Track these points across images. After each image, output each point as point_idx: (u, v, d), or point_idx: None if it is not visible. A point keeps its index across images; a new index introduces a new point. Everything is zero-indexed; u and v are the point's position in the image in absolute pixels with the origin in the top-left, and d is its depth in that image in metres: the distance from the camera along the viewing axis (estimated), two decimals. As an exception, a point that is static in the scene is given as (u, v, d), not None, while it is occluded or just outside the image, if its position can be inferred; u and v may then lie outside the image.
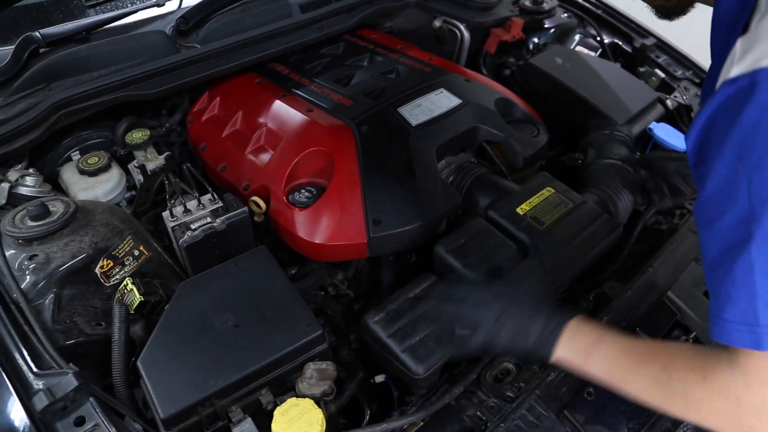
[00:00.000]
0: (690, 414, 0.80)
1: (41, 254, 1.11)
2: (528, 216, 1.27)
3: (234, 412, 0.99)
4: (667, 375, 0.81)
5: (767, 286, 0.68)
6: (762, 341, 0.69)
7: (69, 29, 1.57)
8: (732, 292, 0.70)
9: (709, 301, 0.75)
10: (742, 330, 0.70)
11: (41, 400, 0.87)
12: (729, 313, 0.71)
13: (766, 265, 0.67)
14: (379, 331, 1.11)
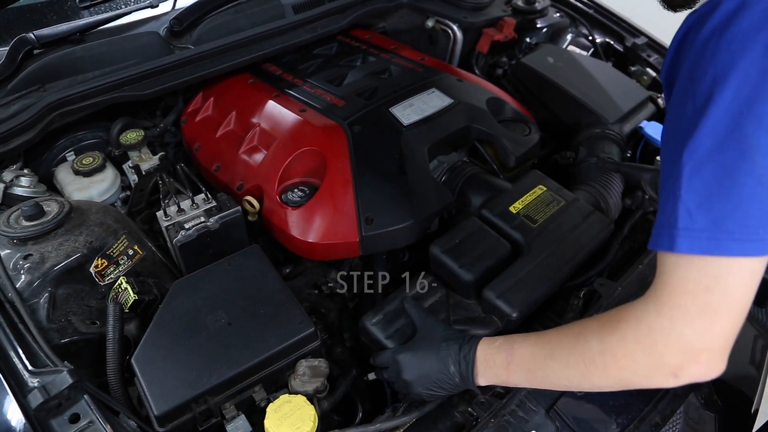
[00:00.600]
0: (609, 371, 0.79)
1: (36, 254, 1.11)
2: (521, 214, 1.29)
3: (227, 409, 1.00)
4: (582, 339, 0.82)
5: (690, 190, 0.70)
6: (676, 242, 0.70)
7: (63, 30, 1.57)
8: (662, 200, 0.74)
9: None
10: (663, 234, 0.72)
11: (36, 397, 0.88)
12: (658, 219, 0.74)
13: (692, 173, 0.69)
14: (377, 333, 1.13)
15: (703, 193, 0.69)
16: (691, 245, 0.70)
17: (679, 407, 1.12)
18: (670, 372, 0.75)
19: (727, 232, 0.68)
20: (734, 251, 0.68)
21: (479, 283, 1.16)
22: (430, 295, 1.19)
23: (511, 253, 1.23)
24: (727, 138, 0.67)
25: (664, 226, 0.73)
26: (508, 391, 1.06)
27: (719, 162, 0.68)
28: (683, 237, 0.70)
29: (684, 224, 0.70)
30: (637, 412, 1.07)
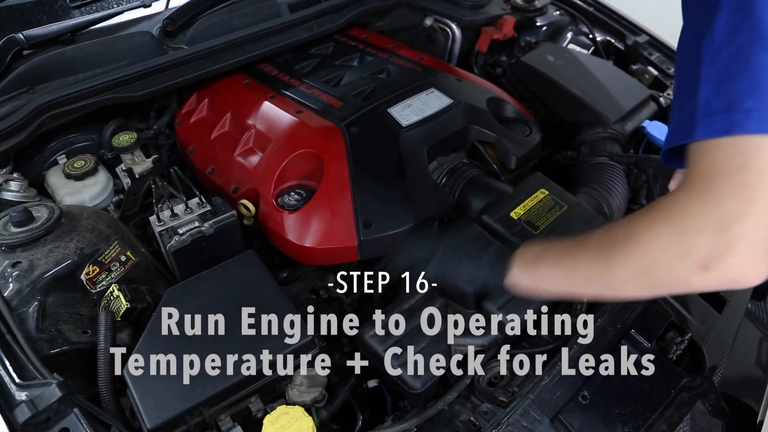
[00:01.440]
0: (633, 257, 0.73)
1: (25, 261, 1.08)
2: (522, 221, 1.26)
3: (223, 421, 0.97)
4: (613, 227, 0.80)
5: (708, 79, 0.69)
6: (695, 131, 0.68)
7: (53, 31, 1.54)
8: (677, 107, 0.73)
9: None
10: (683, 130, 0.70)
11: (23, 412, 0.85)
12: (673, 125, 0.74)
13: (710, 63, 0.69)
14: (375, 346, 1.10)
15: (720, 78, 0.68)
16: (709, 129, 0.67)
17: (687, 415, 1.09)
18: (700, 263, 0.67)
19: (744, 111, 0.65)
20: (755, 128, 0.65)
21: (479, 294, 1.14)
22: (429, 305, 1.16)
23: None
24: (740, 23, 0.67)
25: (680, 122, 0.71)
26: (511, 401, 1.03)
27: (734, 46, 0.67)
28: (701, 125, 0.68)
29: (702, 112, 0.68)
30: (643, 421, 1.04)
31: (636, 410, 1.06)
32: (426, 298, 1.17)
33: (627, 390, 1.07)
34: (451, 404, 1.06)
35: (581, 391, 1.05)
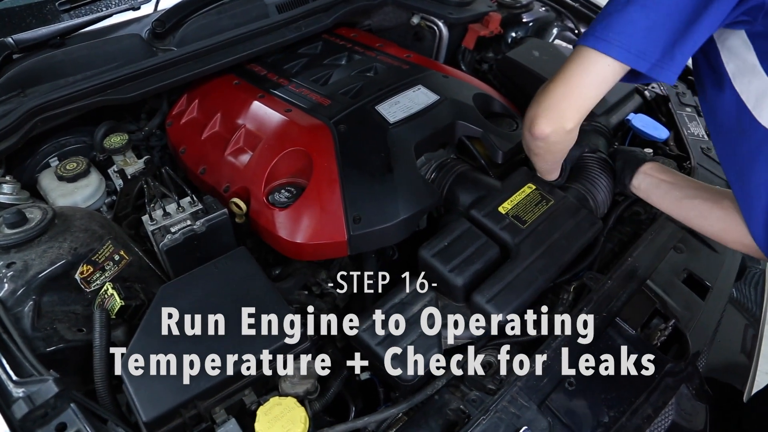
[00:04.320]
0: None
1: (19, 261, 1.10)
2: (510, 215, 1.28)
3: (217, 414, 0.99)
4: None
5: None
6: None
7: (43, 34, 1.56)
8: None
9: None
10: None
11: (21, 408, 0.87)
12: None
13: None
14: (367, 339, 1.12)
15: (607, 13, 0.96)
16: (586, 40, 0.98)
17: (671, 399, 1.12)
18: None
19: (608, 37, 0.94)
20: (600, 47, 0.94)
21: (468, 287, 1.16)
22: (420, 298, 1.18)
23: (499, 256, 1.23)
24: None
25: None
26: (499, 388, 1.05)
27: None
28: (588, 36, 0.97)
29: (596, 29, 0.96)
30: (628, 405, 1.07)
31: (621, 395, 1.08)
32: (417, 292, 1.19)
33: (612, 375, 1.10)
34: (441, 393, 1.08)
35: (567, 378, 1.07)
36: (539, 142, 1.11)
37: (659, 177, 1.23)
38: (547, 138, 1.08)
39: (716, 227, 1.10)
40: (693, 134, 1.67)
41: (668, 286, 1.28)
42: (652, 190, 1.23)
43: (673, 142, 1.69)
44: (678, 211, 1.18)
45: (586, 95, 1.02)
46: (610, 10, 0.95)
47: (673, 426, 1.12)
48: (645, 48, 0.91)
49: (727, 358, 1.39)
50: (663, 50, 0.91)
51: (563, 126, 1.05)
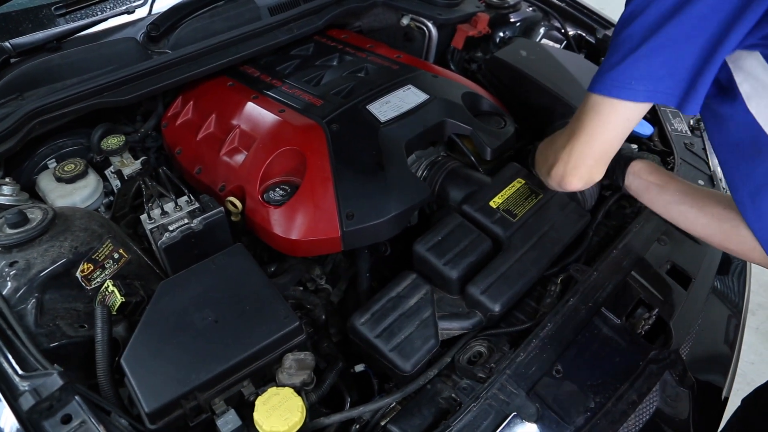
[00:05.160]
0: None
1: (21, 260, 1.13)
2: (501, 209, 1.32)
3: (217, 405, 1.02)
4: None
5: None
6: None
7: (40, 39, 1.58)
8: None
9: None
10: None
11: (27, 400, 0.90)
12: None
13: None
14: (366, 332, 1.16)
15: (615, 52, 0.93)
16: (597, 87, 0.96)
17: (655, 385, 1.16)
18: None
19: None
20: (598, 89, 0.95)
21: (463, 279, 1.20)
22: (415, 292, 1.22)
23: (492, 248, 1.26)
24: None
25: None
26: (489, 376, 1.09)
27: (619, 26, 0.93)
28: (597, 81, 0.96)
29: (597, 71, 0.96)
30: (614, 391, 1.11)
31: (607, 381, 1.12)
32: (412, 285, 1.23)
33: (598, 363, 1.14)
34: (433, 382, 1.12)
35: (555, 366, 1.11)
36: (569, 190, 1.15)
37: (647, 179, 1.22)
38: (578, 189, 1.12)
39: (702, 233, 1.11)
40: (676, 130, 1.71)
41: (652, 277, 1.32)
42: (642, 193, 1.23)
43: (658, 138, 1.73)
44: (667, 215, 1.18)
45: (613, 142, 1.02)
46: (623, 51, 0.91)
47: (657, 411, 1.16)
48: (669, 87, 0.89)
49: (710, 348, 1.43)
50: (687, 85, 0.89)
51: (594, 179, 1.08)
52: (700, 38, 0.86)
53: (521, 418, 1.03)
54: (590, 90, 0.97)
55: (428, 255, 1.23)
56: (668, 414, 1.19)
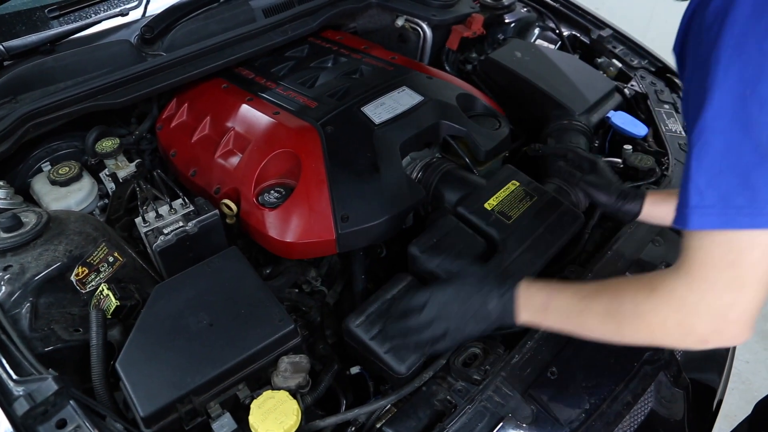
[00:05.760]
0: (642, 332, 0.84)
1: (16, 264, 1.12)
2: (496, 211, 1.32)
3: (212, 408, 1.02)
4: (617, 301, 0.87)
5: (698, 170, 0.74)
6: (689, 220, 0.75)
7: (33, 41, 1.57)
8: (682, 178, 0.78)
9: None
10: (678, 212, 0.77)
11: (22, 405, 0.89)
12: (679, 197, 0.78)
13: (699, 153, 0.74)
14: (361, 335, 1.15)
15: (710, 171, 0.74)
16: (702, 221, 0.74)
17: (650, 386, 1.16)
18: (700, 339, 0.80)
19: (736, 208, 0.72)
20: (746, 224, 0.72)
21: None
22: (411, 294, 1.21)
23: (487, 250, 1.26)
24: (732, 119, 0.71)
25: (680, 205, 0.77)
26: (484, 378, 1.09)
27: (725, 141, 0.72)
28: (695, 214, 0.75)
29: (695, 202, 0.75)
30: (609, 392, 1.11)
31: (602, 383, 1.13)
32: (408, 287, 1.23)
33: (593, 364, 1.14)
34: (428, 384, 1.12)
35: (550, 367, 1.11)
36: (712, 346, 0.83)
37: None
38: (738, 343, 0.83)
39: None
40: (671, 131, 1.72)
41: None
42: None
43: (652, 139, 1.73)
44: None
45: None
46: (745, 164, 0.71)
47: (652, 412, 1.16)
48: None
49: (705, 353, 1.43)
50: None
51: (749, 334, 0.80)
52: None
53: (516, 420, 1.04)
54: (704, 227, 0.75)
55: (423, 256, 1.23)
56: (663, 415, 1.19)
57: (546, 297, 0.97)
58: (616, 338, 0.89)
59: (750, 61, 0.70)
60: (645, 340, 0.86)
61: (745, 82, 0.70)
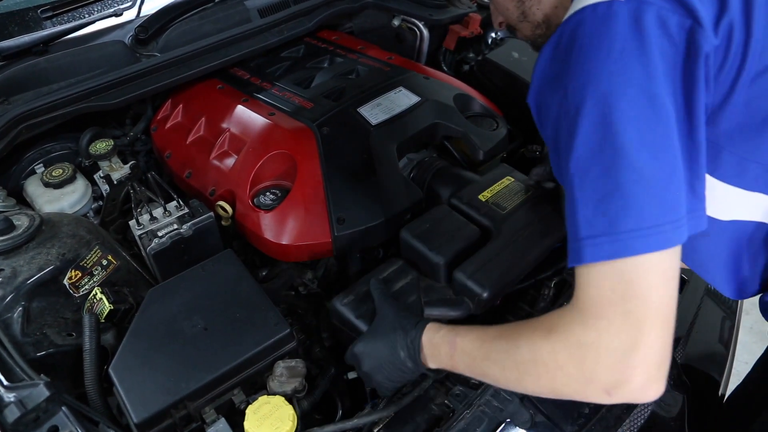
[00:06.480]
0: (543, 379, 0.77)
1: (7, 268, 1.11)
2: (490, 202, 1.30)
3: (207, 413, 1.01)
4: (515, 345, 0.80)
5: (583, 200, 0.72)
6: (582, 254, 0.70)
7: (26, 42, 1.56)
8: (566, 217, 0.76)
9: None
10: (571, 248, 0.73)
11: (12, 412, 0.88)
12: (568, 236, 0.75)
13: (581, 184, 0.72)
14: (347, 313, 1.12)
15: (594, 198, 0.70)
16: (596, 252, 0.69)
17: (650, 388, 1.15)
18: (602, 388, 0.71)
19: (625, 231, 0.68)
20: (638, 249, 0.67)
21: (450, 266, 1.16)
22: (401, 277, 1.19)
23: (480, 237, 1.24)
24: (600, 140, 0.70)
25: (570, 240, 0.74)
26: (483, 382, 1.08)
27: (600, 165, 0.70)
28: (587, 246, 0.70)
29: (585, 233, 0.71)
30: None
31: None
32: (399, 270, 1.21)
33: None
34: (426, 389, 1.11)
35: (549, 371, 1.10)
36: (626, 401, 0.74)
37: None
38: (650, 397, 0.73)
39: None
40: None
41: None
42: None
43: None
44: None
45: (670, 314, 0.71)
46: (607, 190, 0.70)
47: (652, 415, 1.15)
48: (680, 212, 0.70)
49: (705, 349, 1.43)
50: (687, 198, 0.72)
51: (664, 378, 0.72)
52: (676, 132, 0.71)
53: (515, 425, 1.02)
54: (597, 258, 0.70)
55: (415, 241, 1.20)
56: (663, 418, 1.18)
57: (450, 344, 0.91)
58: (519, 388, 0.83)
59: (600, 81, 0.71)
60: (546, 388, 0.78)
61: (601, 101, 0.70)
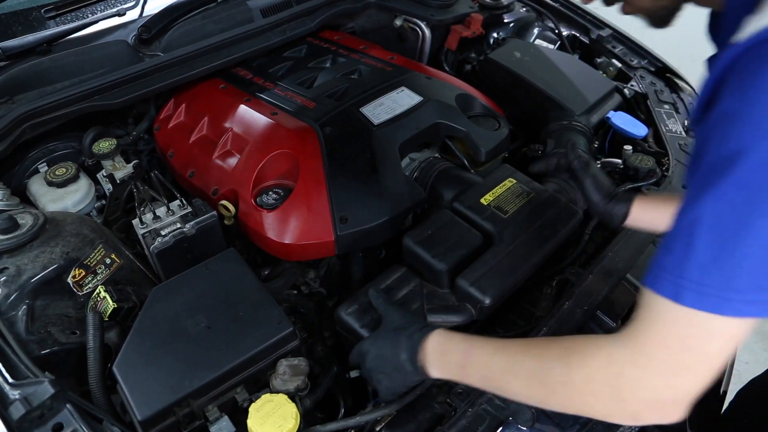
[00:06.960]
0: (571, 401, 0.77)
1: (12, 267, 1.11)
2: (492, 206, 1.31)
3: (210, 411, 1.01)
4: (546, 365, 0.79)
5: (707, 244, 0.65)
6: (683, 294, 0.66)
7: (29, 41, 1.56)
8: (672, 237, 0.69)
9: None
10: (667, 278, 0.67)
11: (18, 409, 0.88)
12: (662, 258, 0.69)
13: (713, 222, 0.65)
14: (352, 322, 1.14)
15: (718, 249, 0.64)
16: (697, 300, 0.65)
17: (651, 388, 1.15)
18: (630, 415, 0.73)
19: (737, 292, 0.64)
20: (736, 312, 0.65)
21: (452, 273, 1.19)
22: (404, 285, 1.21)
23: (482, 243, 1.25)
24: (750, 202, 0.63)
25: (670, 271, 0.67)
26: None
27: (741, 222, 0.63)
28: (691, 290, 0.65)
29: (696, 276, 0.65)
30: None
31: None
32: (402, 278, 1.22)
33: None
34: (428, 387, 1.11)
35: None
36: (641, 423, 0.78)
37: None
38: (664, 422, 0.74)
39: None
40: (671, 131, 1.71)
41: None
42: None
43: (652, 139, 1.73)
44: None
45: (719, 368, 0.69)
46: (737, 246, 0.63)
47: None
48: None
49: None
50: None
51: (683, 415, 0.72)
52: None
53: (517, 424, 1.03)
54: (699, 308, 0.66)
55: (417, 248, 1.22)
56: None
57: (464, 353, 0.91)
58: (541, 404, 0.83)
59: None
60: (573, 408, 0.78)
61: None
